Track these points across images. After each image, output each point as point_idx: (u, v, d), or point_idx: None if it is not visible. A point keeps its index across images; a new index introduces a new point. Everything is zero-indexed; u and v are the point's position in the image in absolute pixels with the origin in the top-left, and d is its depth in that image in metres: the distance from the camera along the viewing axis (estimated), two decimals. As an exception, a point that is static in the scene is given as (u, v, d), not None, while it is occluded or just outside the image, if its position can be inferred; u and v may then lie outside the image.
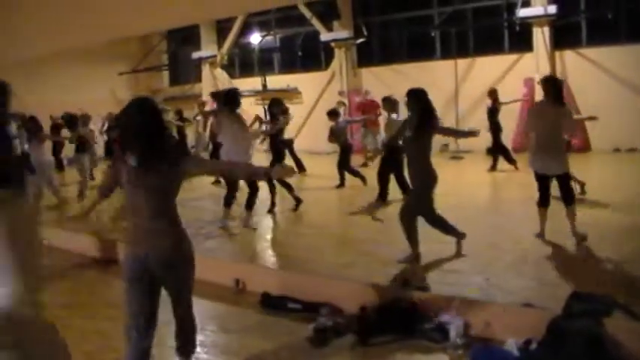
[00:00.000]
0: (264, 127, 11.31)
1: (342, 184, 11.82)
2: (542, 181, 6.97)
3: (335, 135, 12.14)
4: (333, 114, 12.47)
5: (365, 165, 12.89)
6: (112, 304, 3.21)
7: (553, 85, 6.91)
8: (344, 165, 11.82)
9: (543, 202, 7.04)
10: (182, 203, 3.67)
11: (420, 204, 6.54)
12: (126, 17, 6.73)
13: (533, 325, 4.29)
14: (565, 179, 6.90)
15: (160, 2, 6.42)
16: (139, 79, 22.48)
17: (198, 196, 11.51)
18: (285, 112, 10.65)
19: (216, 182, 11.73)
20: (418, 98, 6.41)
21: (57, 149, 16.21)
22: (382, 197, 9.92)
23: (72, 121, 12.25)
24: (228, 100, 8.51)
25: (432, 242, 7.03)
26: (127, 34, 8.36)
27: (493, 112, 12.59)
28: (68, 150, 14.13)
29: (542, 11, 15.46)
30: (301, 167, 13.37)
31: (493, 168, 12.44)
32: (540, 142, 6.87)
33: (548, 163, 6.81)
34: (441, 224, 6.63)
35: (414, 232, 6.52)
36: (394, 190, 9.84)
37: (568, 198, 6.88)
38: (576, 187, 8.52)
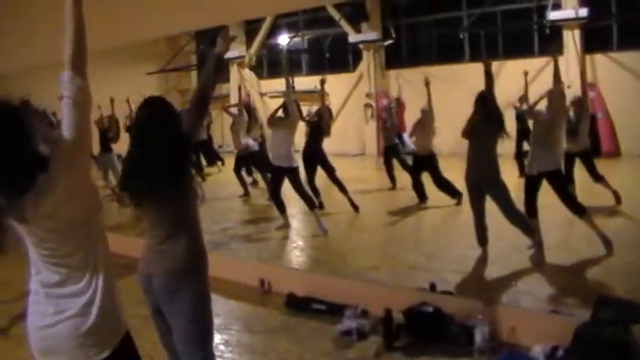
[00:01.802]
0: None
1: (393, 186, 11.60)
2: (531, 185, 6.78)
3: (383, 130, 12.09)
4: (386, 110, 12.43)
5: None
6: (143, 302, 3.22)
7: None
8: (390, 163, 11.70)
9: (530, 210, 6.74)
10: (209, 204, 3.63)
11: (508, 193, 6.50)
12: (154, 19, 6.79)
13: (560, 331, 4.25)
14: (558, 178, 6.75)
15: (188, 4, 6.47)
16: (168, 79, 22.62)
17: (225, 196, 11.57)
18: None
19: (245, 195, 11.66)
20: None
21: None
22: (421, 199, 9.93)
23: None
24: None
25: (458, 247, 7.02)
26: (156, 35, 8.42)
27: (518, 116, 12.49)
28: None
29: (572, 14, 15.26)
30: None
31: (522, 173, 12.27)
32: (535, 144, 6.83)
33: (538, 160, 6.66)
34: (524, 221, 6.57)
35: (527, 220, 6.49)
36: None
37: (572, 207, 6.71)
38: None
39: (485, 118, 6.41)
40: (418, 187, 9.90)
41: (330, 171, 9.85)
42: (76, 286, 2.31)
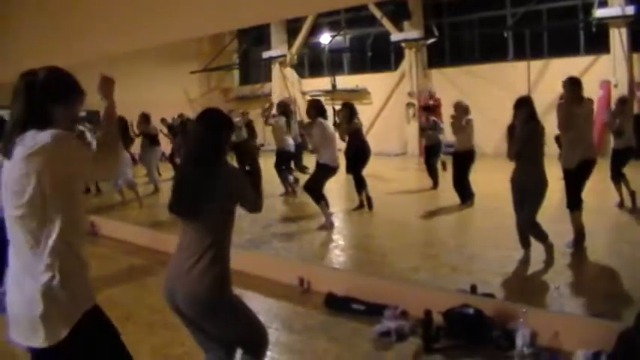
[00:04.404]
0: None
1: (435, 185, 11.61)
2: (568, 178, 6.86)
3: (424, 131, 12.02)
4: (426, 109, 12.38)
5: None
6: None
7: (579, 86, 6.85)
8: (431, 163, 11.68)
9: (571, 203, 6.84)
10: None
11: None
12: (197, 18, 6.85)
13: (603, 336, 4.17)
14: (583, 170, 6.74)
15: (231, 3, 6.50)
16: (211, 78, 22.83)
17: (265, 194, 11.60)
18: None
19: (286, 193, 11.76)
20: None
21: (127, 145, 16.69)
22: (470, 198, 9.83)
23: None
24: (321, 111, 8.89)
25: (500, 249, 6.93)
26: (199, 34, 8.51)
27: None
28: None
29: (619, 12, 14.96)
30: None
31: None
32: (570, 139, 6.83)
33: (572, 155, 6.76)
34: (537, 230, 6.49)
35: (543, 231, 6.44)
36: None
37: (571, 199, 6.76)
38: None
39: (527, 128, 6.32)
40: (459, 188, 9.81)
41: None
42: (33, 267, 2.41)
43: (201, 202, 3.12)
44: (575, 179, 6.76)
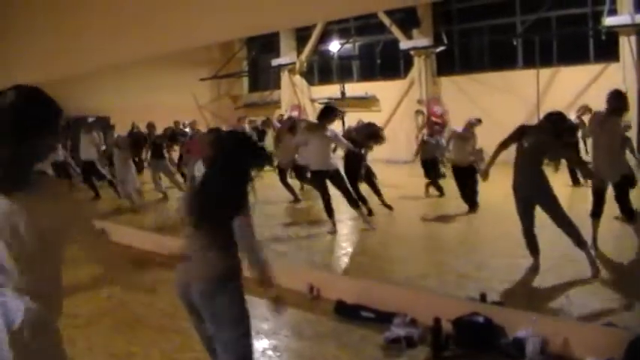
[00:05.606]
0: None
1: (440, 194, 11.70)
2: (599, 188, 6.99)
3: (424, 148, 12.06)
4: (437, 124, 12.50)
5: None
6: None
7: (615, 98, 6.97)
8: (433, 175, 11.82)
9: (595, 211, 6.99)
10: (260, 208, 3.66)
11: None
12: (207, 25, 6.89)
13: (613, 345, 4.17)
14: (622, 182, 6.90)
15: (241, 11, 6.54)
16: (220, 85, 22.91)
17: (275, 200, 11.63)
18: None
19: (295, 201, 11.80)
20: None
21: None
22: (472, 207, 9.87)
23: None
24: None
25: (509, 256, 6.92)
26: (208, 41, 8.55)
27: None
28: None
29: (629, 20, 14.92)
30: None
31: (575, 182, 12.05)
32: (600, 151, 6.97)
33: (605, 167, 6.88)
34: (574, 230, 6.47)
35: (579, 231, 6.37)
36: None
37: (626, 212, 6.95)
38: None
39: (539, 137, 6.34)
40: (466, 197, 9.83)
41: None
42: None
43: (225, 209, 3.28)
44: (601, 192, 6.94)
